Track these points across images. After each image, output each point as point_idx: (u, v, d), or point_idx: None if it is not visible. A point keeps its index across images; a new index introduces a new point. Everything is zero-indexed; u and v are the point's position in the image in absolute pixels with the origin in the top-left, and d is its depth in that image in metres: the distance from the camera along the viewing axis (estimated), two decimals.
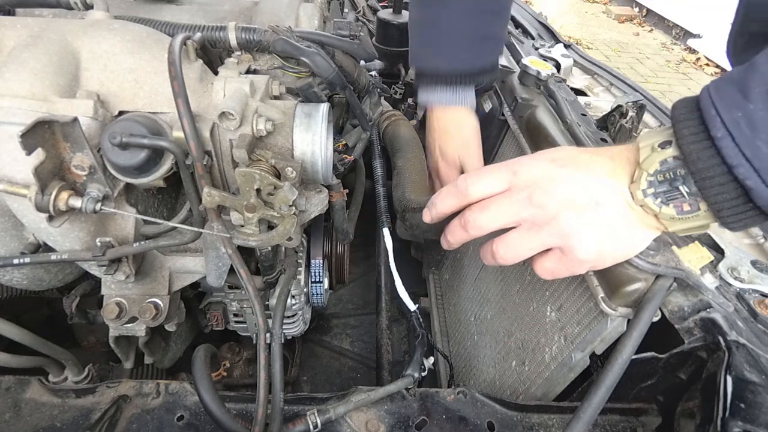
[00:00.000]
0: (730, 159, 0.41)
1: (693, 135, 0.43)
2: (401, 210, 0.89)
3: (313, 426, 0.58)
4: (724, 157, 0.41)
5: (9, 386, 0.62)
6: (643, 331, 0.57)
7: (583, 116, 0.96)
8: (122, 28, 0.58)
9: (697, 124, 0.43)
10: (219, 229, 0.57)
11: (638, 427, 0.63)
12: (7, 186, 0.49)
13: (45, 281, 0.65)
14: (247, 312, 0.83)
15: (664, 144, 0.45)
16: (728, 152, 0.41)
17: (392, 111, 1.18)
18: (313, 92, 0.66)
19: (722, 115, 0.41)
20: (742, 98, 0.41)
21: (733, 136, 0.41)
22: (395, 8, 1.50)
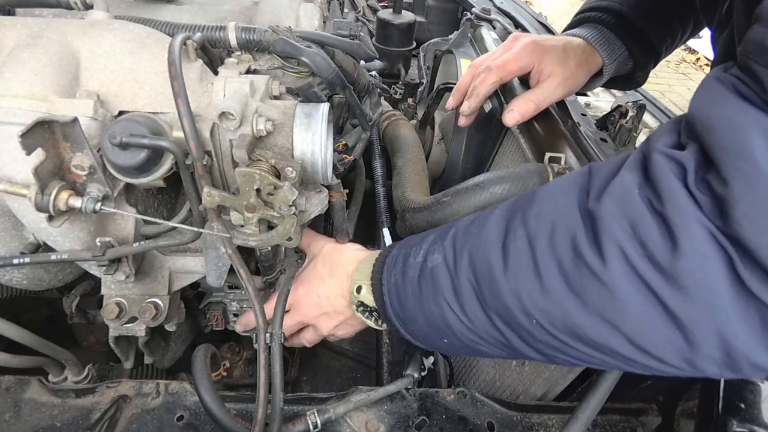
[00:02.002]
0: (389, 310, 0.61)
1: (376, 289, 0.62)
2: (401, 210, 0.89)
3: (312, 426, 0.58)
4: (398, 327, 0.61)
5: (9, 386, 0.62)
6: None
7: (583, 116, 0.96)
8: (122, 28, 0.58)
9: (377, 281, 0.62)
10: (219, 229, 0.57)
11: (638, 427, 0.63)
12: (6, 186, 0.49)
13: (45, 281, 0.65)
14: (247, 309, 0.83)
15: (358, 289, 0.65)
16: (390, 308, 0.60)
17: (392, 111, 1.18)
18: (313, 92, 0.66)
19: (384, 279, 0.61)
20: (400, 270, 0.59)
21: (404, 324, 0.60)
22: (395, 8, 1.50)
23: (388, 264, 0.62)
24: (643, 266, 0.38)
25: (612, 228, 0.40)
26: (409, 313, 0.58)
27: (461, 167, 1.16)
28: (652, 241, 0.37)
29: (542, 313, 0.45)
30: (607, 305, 0.40)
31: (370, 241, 1.25)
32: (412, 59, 1.66)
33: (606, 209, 0.41)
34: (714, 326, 0.36)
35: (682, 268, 0.36)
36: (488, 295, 0.49)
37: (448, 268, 0.53)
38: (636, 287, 0.38)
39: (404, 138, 1.06)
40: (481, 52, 1.30)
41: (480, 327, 0.51)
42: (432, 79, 1.51)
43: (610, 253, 0.39)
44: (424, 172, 1.00)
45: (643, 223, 0.38)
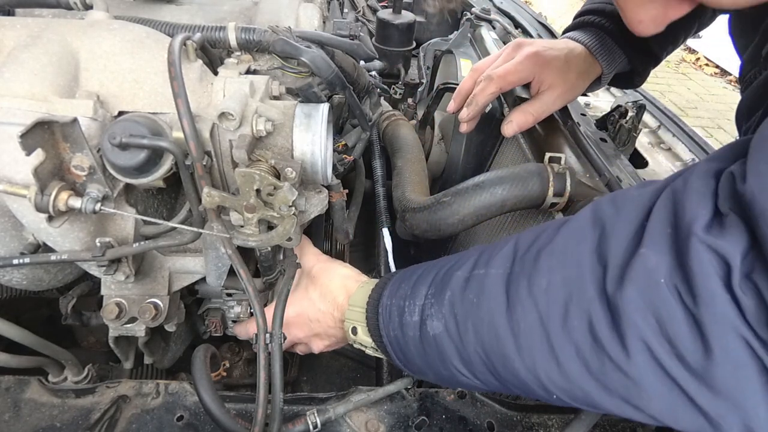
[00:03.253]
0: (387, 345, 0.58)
1: (376, 338, 0.60)
2: (401, 210, 0.89)
3: (312, 426, 0.58)
4: (386, 344, 0.58)
5: (9, 386, 0.62)
6: None
7: (582, 116, 0.96)
8: (122, 28, 0.58)
9: (375, 330, 0.59)
10: (219, 229, 0.57)
11: (638, 427, 0.63)
12: (6, 186, 0.49)
13: (45, 281, 0.65)
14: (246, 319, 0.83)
15: (353, 330, 0.63)
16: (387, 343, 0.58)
17: (392, 111, 1.18)
18: (313, 92, 0.65)
19: (382, 329, 0.58)
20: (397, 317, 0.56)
21: (395, 353, 0.58)
22: (395, 8, 1.50)
23: (383, 315, 0.58)
24: (671, 364, 0.36)
25: (635, 321, 0.37)
26: (417, 368, 0.57)
27: (461, 167, 1.16)
28: (682, 342, 0.35)
29: (562, 391, 0.44)
30: (631, 394, 0.39)
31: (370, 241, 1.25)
32: (412, 59, 1.66)
33: (628, 298, 0.37)
34: (742, 422, 0.35)
35: (714, 375, 0.34)
36: (501, 369, 0.47)
37: (452, 338, 0.50)
38: (662, 382, 0.37)
39: (404, 138, 1.06)
40: (480, 52, 1.30)
41: (496, 389, 0.51)
42: (432, 79, 1.51)
43: (635, 347, 0.37)
44: (424, 172, 1.00)
45: (671, 320, 0.35)
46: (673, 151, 1.15)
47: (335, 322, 0.68)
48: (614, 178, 0.73)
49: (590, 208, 0.45)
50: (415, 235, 0.87)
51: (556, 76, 0.82)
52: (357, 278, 0.70)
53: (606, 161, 0.78)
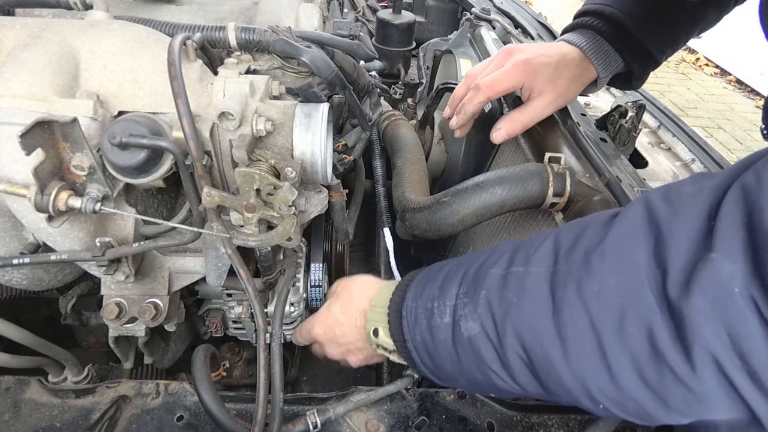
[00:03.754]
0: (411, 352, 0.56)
1: (398, 341, 0.57)
2: (401, 210, 0.89)
3: (312, 426, 0.58)
4: (410, 350, 0.56)
5: (9, 386, 0.62)
6: None
7: (582, 116, 0.96)
8: (122, 28, 0.58)
9: (397, 332, 0.57)
10: (219, 229, 0.57)
11: (638, 427, 0.63)
12: (6, 186, 0.49)
13: (44, 281, 0.65)
14: (246, 319, 0.83)
15: (375, 331, 0.60)
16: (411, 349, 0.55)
17: (392, 111, 1.18)
18: (312, 92, 0.66)
19: (405, 333, 0.55)
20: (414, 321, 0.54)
21: (421, 358, 0.55)
22: (395, 8, 1.50)
23: (407, 317, 0.55)
24: (742, 382, 0.33)
25: (704, 333, 0.34)
26: (447, 374, 0.54)
27: (461, 167, 1.16)
28: (757, 357, 0.32)
29: (611, 402, 0.41)
30: (692, 408, 0.37)
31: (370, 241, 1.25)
32: (412, 59, 1.66)
33: (696, 308, 0.34)
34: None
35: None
36: (544, 375, 0.45)
37: (491, 340, 0.47)
38: (732, 400, 0.35)
39: (404, 138, 1.06)
40: (480, 52, 1.30)
41: (535, 393, 0.48)
42: (432, 79, 1.51)
43: (701, 360, 0.34)
44: (424, 172, 1.00)
45: (746, 334, 0.32)
46: (673, 151, 1.15)
47: (359, 332, 0.64)
48: (614, 178, 0.73)
49: (642, 205, 0.42)
50: (415, 235, 0.87)
51: (545, 84, 0.82)
52: (378, 282, 0.68)
53: (606, 161, 0.78)
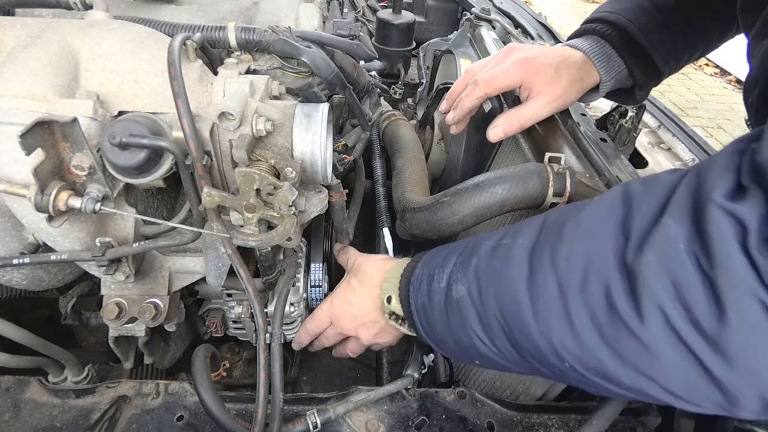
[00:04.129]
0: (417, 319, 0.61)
1: (404, 305, 0.63)
2: (401, 210, 0.89)
3: (312, 426, 0.58)
4: (413, 313, 0.61)
5: (9, 386, 0.62)
6: None
7: (582, 116, 0.96)
8: (122, 28, 0.58)
9: (405, 297, 0.63)
10: (219, 229, 0.57)
11: (638, 427, 0.63)
12: (6, 186, 0.49)
13: (45, 281, 0.65)
14: (246, 319, 0.83)
15: (388, 299, 0.66)
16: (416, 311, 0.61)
17: (392, 111, 1.18)
18: (312, 92, 0.65)
19: (411, 296, 0.61)
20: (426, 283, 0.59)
21: (435, 343, 0.61)
22: (395, 8, 1.50)
23: (414, 283, 0.61)
24: (686, 330, 0.36)
25: (652, 285, 0.37)
26: (439, 336, 0.59)
27: (461, 167, 1.16)
28: (697, 306, 0.35)
29: (575, 359, 0.44)
30: (643, 361, 0.39)
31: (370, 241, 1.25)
32: (412, 59, 1.66)
33: (647, 263, 0.38)
34: (758, 392, 0.35)
35: (728, 340, 0.34)
36: (518, 335, 0.48)
37: (474, 302, 0.52)
38: (676, 349, 0.37)
39: (404, 138, 1.06)
40: (480, 52, 1.30)
41: (512, 359, 0.51)
42: (432, 79, 1.51)
43: (649, 312, 0.37)
44: (424, 172, 1.00)
45: (688, 284, 0.36)
46: (673, 151, 1.15)
47: (374, 302, 0.69)
48: (614, 178, 0.73)
49: (621, 187, 0.46)
50: (415, 235, 0.87)
51: (544, 84, 0.81)
52: (394, 259, 0.73)
53: (606, 161, 0.78)
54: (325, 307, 0.76)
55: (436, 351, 0.74)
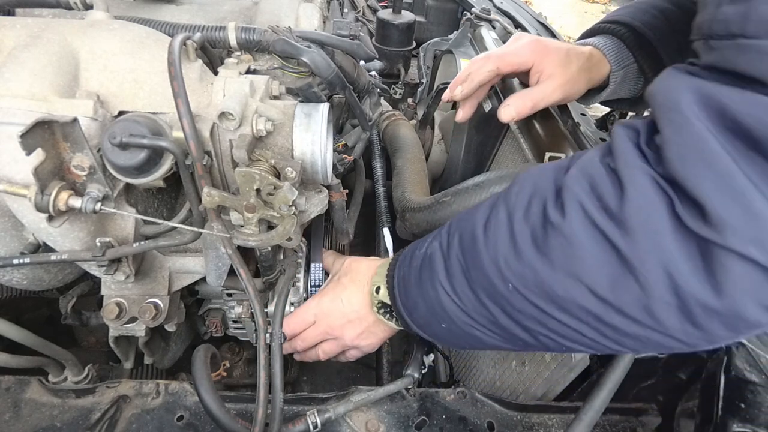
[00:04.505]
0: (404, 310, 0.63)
1: (392, 298, 0.65)
2: (401, 210, 0.89)
3: (312, 426, 0.58)
4: (405, 317, 0.63)
5: (9, 386, 0.62)
6: None
7: (582, 116, 0.96)
8: (122, 28, 0.58)
9: (391, 277, 0.66)
10: (219, 229, 0.57)
11: (638, 427, 0.63)
12: (6, 186, 0.49)
13: (45, 281, 0.65)
14: (246, 319, 0.83)
15: (377, 289, 0.68)
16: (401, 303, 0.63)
17: (392, 111, 1.18)
18: (313, 92, 0.65)
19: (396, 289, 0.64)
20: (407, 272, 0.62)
21: (409, 313, 0.62)
22: (395, 8, 1.50)
23: (401, 261, 0.66)
24: (598, 216, 0.42)
25: (573, 187, 0.45)
26: (413, 300, 0.61)
27: (461, 167, 1.16)
28: (606, 192, 0.42)
29: (517, 277, 0.48)
30: (568, 257, 0.44)
31: (370, 241, 1.25)
32: (412, 59, 1.66)
33: (570, 175, 0.46)
34: (661, 265, 0.39)
35: (629, 211, 0.40)
36: (472, 268, 0.53)
37: (443, 251, 0.57)
38: (592, 235, 0.42)
39: (404, 138, 1.06)
40: (480, 51, 1.30)
41: (469, 305, 0.54)
42: (432, 79, 1.51)
43: (571, 208, 0.44)
44: (424, 172, 1.00)
45: (600, 180, 0.43)
46: None
47: (365, 298, 0.71)
48: None
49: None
50: (415, 235, 0.87)
51: (556, 66, 0.81)
52: (387, 258, 0.73)
53: None
54: (312, 305, 0.75)
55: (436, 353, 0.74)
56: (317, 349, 0.77)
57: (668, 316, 0.40)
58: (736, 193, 0.35)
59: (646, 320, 0.42)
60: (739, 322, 0.38)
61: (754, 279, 0.36)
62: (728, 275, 0.36)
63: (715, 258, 0.36)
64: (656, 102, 0.41)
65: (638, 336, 0.44)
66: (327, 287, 0.77)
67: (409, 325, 0.63)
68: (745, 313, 0.37)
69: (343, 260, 0.79)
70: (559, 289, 0.45)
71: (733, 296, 0.37)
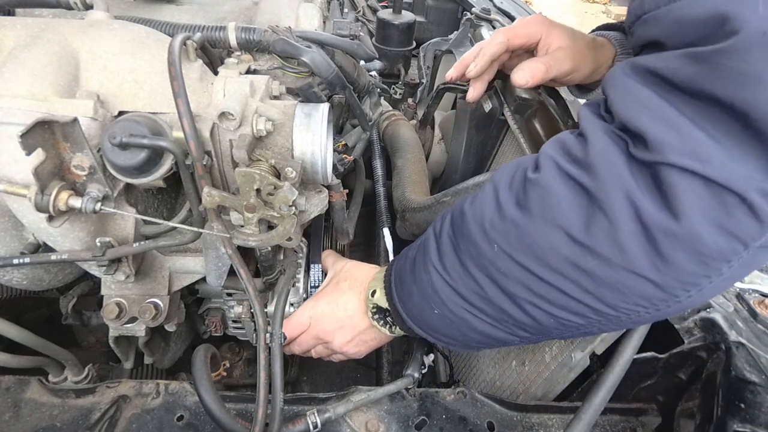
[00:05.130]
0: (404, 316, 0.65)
1: (387, 295, 0.66)
2: (401, 210, 0.89)
3: (312, 426, 0.58)
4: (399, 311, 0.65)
5: (9, 386, 0.62)
6: (644, 332, 0.57)
7: None
8: (122, 28, 0.58)
9: (388, 275, 0.68)
10: (219, 229, 0.57)
11: (638, 427, 0.63)
12: (7, 186, 0.49)
13: (45, 281, 0.65)
14: (246, 319, 0.83)
15: (373, 293, 0.68)
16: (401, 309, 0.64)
17: (392, 111, 1.18)
18: (313, 92, 0.65)
19: (394, 289, 0.65)
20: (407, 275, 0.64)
21: (403, 304, 0.64)
22: (395, 8, 1.50)
23: (398, 258, 0.68)
24: (568, 166, 0.48)
25: (547, 150, 0.52)
26: (407, 289, 0.63)
27: (461, 167, 1.16)
28: (574, 147, 0.49)
29: (501, 235, 0.52)
30: (546, 206, 0.49)
31: (370, 241, 1.25)
32: (412, 59, 1.66)
33: (547, 144, 0.53)
34: (623, 194, 0.43)
35: (592, 156, 0.46)
36: (461, 239, 0.56)
37: (435, 234, 0.61)
38: (564, 182, 0.48)
39: (404, 138, 1.06)
40: None
41: (458, 279, 0.56)
42: (432, 79, 1.51)
43: (545, 163, 0.50)
44: (424, 172, 1.00)
45: (569, 140, 0.51)
46: None
47: (360, 305, 0.71)
48: None
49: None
50: (416, 235, 0.87)
51: (564, 38, 0.81)
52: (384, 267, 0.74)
53: None
54: (308, 307, 0.75)
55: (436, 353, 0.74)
56: (311, 353, 0.78)
57: (636, 249, 0.44)
58: (668, 120, 0.42)
59: (617, 257, 0.45)
60: (700, 247, 0.41)
61: (701, 194, 0.40)
62: (677, 192, 0.41)
63: (663, 178, 0.41)
64: (605, 81, 0.50)
65: (614, 284, 0.46)
66: (325, 290, 0.77)
67: (403, 319, 0.64)
68: (702, 235, 0.40)
69: (344, 263, 0.80)
70: (539, 238, 0.49)
71: (688, 215, 0.40)
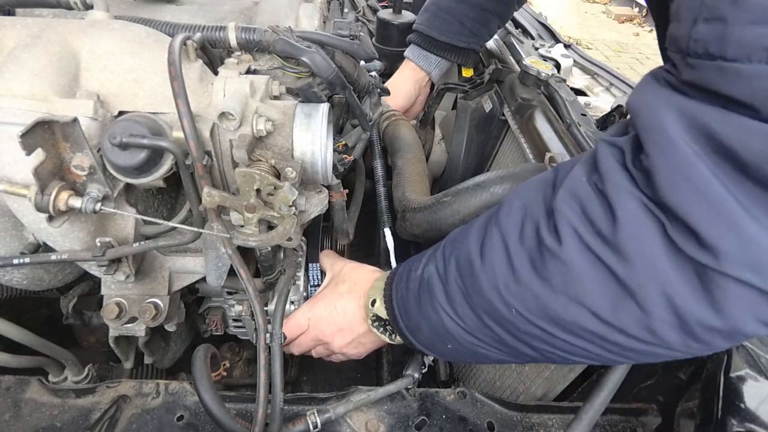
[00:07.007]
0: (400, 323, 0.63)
1: (388, 303, 0.65)
2: (402, 210, 0.89)
3: (312, 426, 0.58)
4: (408, 337, 0.63)
5: (9, 386, 0.62)
6: None
7: (583, 116, 0.96)
8: (122, 28, 0.58)
9: (389, 296, 0.65)
10: (219, 229, 0.57)
11: (638, 427, 0.63)
12: (6, 186, 0.49)
13: (45, 281, 0.65)
14: (246, 317, 0.83)
15: (373, 302, 0.67)
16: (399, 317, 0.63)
17: (392, 111, 1.18)
18: (313, 92, 0.65)
19: (395, 300, 0.63)
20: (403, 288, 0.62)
21: (413, 334, 0.62)
22: (395, 8, 1.50)
23: (396, 280, 0.65)
24: (593, 241, 0.42)
25: (565, 212, 0.45)
26: (415, 322, 0.61)
27: (461, 167, 1.16)
28: (598, 217, 0.42)
29: (518, 301, 0.48)
30: (568, 282, 0.44)
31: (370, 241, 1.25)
32: None
33: (560, 197, 0.46)
34: (659, 288, 0.39)
35: (622, 237, 0.40)
36: (473, 293, 0.52)
37: (440, 275, 0.57)
38: (589, 261, 0.42)
39: (404, 138, 1.06)
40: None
41: (473, 327, 0.54)
42: None
43: (565, 233, 0.44)
44: (424, 172, 1.00)
45: (590, 203, 0.43)
46: None
47: (359, 310, 0.71)
48: None
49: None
50: (416, 235, 0.87)
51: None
52: (385, 272, 0.74)
53: None
54: (306, 309, 0.75)
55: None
56: (312, 352, 0.78)
57: (670, 335, 0.41)
58: (729, 219, 0.35)
59: (649, 338, 0.42)
60: (739, 335, 0.39)
61: (752, 300, 0.36)
62: (726, 297, 0.37)
63: (713, 281, 0.37)
64: (640, 121, 0.41)
65: (641, 351, 0.44)
66: (323, 292, 0.77)
67: (414, 345, 0.63)
68: (745, 329, 0.38)
69: (343, 264, 0.79)
70: (562, 312, 0.45)
71: (733, 315, 0.37)
